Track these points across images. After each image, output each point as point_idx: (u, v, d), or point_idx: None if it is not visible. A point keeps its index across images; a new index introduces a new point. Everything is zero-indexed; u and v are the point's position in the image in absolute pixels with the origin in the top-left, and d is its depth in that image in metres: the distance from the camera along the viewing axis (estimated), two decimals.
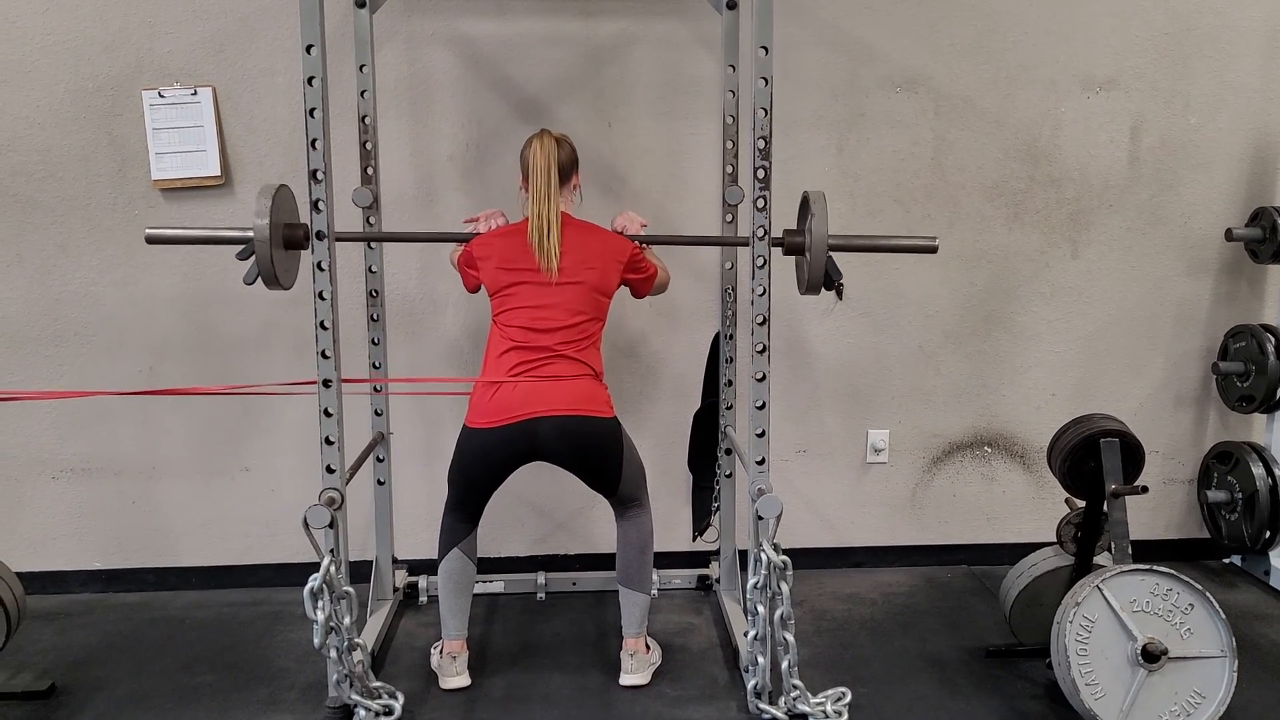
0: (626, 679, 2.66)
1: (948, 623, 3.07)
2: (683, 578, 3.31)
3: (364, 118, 2.92)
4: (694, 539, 3.26)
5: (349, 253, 3.00)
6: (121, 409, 3.16)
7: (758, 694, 2.50)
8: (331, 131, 2.34)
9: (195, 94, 3.05)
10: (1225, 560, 3.56)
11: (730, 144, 2.99)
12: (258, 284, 2.41)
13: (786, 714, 2.47)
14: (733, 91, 2.98)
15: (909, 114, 3.25)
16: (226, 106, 3.08)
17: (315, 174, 2.30)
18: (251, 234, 2.36)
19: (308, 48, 2.26)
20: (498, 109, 3.16)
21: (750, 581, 2.46)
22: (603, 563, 3.31)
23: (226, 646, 2.91)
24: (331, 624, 2.30)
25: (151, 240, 2.54)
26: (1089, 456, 2.60)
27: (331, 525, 2.34)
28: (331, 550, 2.33)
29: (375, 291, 2.99)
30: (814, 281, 2.49)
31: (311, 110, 2.28)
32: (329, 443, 2.39)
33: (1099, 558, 2.66)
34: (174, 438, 3.24)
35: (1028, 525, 3.49)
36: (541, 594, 3.22)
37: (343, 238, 2.60)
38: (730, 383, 3.10)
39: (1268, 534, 3.20)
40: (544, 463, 2.60)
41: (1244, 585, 3.36)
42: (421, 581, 3.21)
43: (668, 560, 3.26)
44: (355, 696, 2.42)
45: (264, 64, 3.06)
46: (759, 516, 2.42)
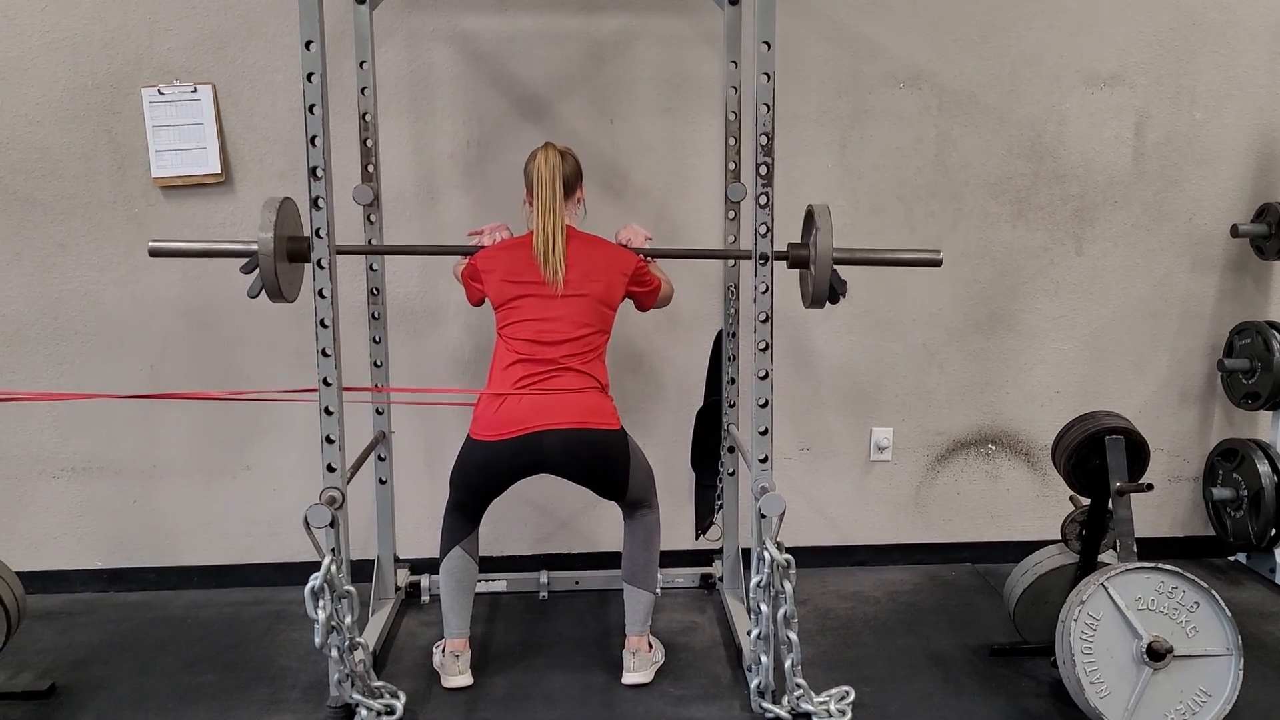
0: (629, 677, 2.65)
1: (952, 621, 3.06)
2: (686, 576, 3.30)
3: (364, 115, 2.91)
4: (697, 537, 3.25)
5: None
6: (122, 408, 3.15)
7: (761, 693, 2.49)
8: (332, 129, 2.33)
9: (195, 91, 3.04)
10: (1230, 558, 3.55)
11: (733, 140, 2.99)
12: None
13: (790, 713, 2.46)
14: (735, 88, 2.97)
15: (912, 110, 3.23)
16: (226, 104, 3.07)
17: (315, 171, 2.29)
18: (255, 247, 2.36)
19: (307, 44, 2.25)
20: (499, 106, 3.15)
21: (753, 580, 2.45)
22: (605, 562, 3.31)
23: (228, 646, 2.91)
24: (333, 623, 2.30)
25: (155, 254, 2.54)
26: (1093, 454, 2.59)
27: (332, 524, 2.33)
28: (332, 549, 2.33)
29: (376, 289, 2.99)
30: (819, 295, 2.50)
31: (311, 107, 2.27)
32: (330, 441, 2.38)
33: (1104, 556, 2.65)
34: (175, 437, 3.24)
35: (1032, 523, 3.48)
36: (544, 593, 3.21)
37: (344, 250, 2.60)
38: (733, 380, 3.09)
39: (1273, 531, 3.19)
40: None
41: (1249, 583, 3.35)
42: (423, 580, 3.20)
43: (671, 559, 3.24)
44: (357, 696, 2.42)
45: (264, 61, 3.05)
46: (762, 515, 2.41)
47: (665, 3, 3.12)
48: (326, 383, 2.37)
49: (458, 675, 2.64)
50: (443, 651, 2.69)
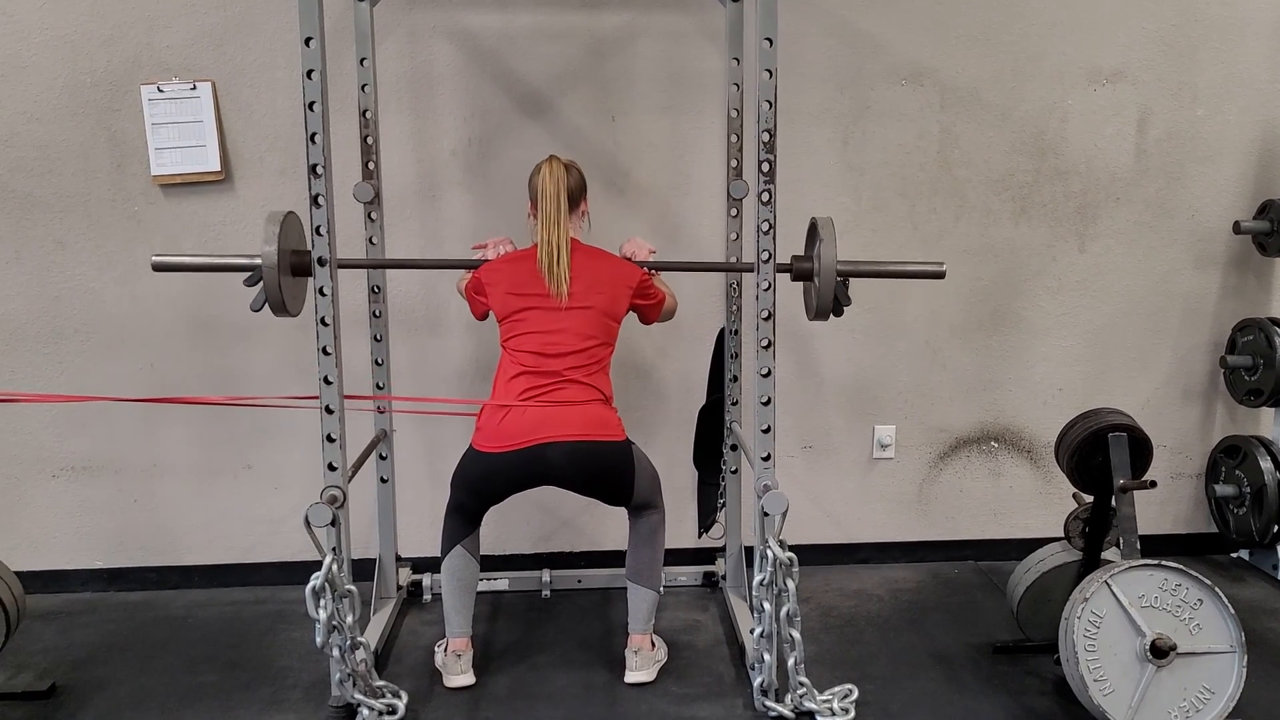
0: (632, 676, 2.65)
1: (955, 619, 3.06)
2: (688, 575, 3.29)
3: (365, 112, 2.90)
4: (699, 536, 3.24)
5: (351, 248, 2.98)
6: (122, 407, 3.14)
7: (764, 691, 2.48)
8: (332, 126, 2.32)
9: (194, 89, 3.03)
10: (1233, 555, 3.55)
11: (735, 137, 2.98)
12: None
13: (793, 711, 2.45)
14: (737, 84, 2.96)
15: (914, 107, 3.23)
16: (226, 101, 3.06)
17: (315, 168, 2.28)
18: (259, 261, 2.35)
19: (307, 40, 2.24)
20: (500, 103, 3.14)
21: (756, 578, 2.45)
22: (608, 560, 3.30)
23: (229, 646, 2.90)
24: (334, 623, 2.29)
25: (158, 268, 2.53)
26: (1096, 451, 2.58)
27: (333, 523, 2.32)
28: (334, 548, 2.32)
29: (377, 287, 2.98)
30: (823, 308, 2.50)
31: (311, 104, 2.25)
32: (331, 440, 2.38)
33: (1107, 553, 2.65)
34: (175, 436, 3.23)
35: (1035, 521, 3.48)
36: (546, 592, 3.21)
37: (345, 264, 2.59)
38: (735, 378, 3.08)
39: (1276, 528, 3.19)
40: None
41: (1252, 580, 3.35)
42: (425, 579, 3.20)
43: (673, 557, 3.22)
44: (358, 695, 2.41)
45: (264, 58, 3.04)
46: (765, 513, 2.40)
47: None
48: (327, 380, 2.36)
49: (460, 674, 2.63)
50: (445, 651, 2.68)
